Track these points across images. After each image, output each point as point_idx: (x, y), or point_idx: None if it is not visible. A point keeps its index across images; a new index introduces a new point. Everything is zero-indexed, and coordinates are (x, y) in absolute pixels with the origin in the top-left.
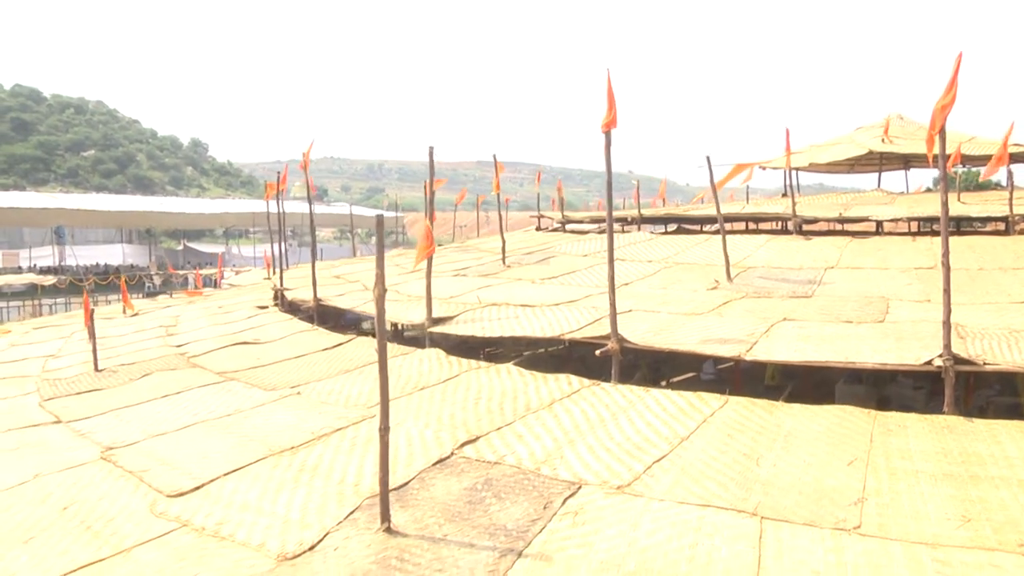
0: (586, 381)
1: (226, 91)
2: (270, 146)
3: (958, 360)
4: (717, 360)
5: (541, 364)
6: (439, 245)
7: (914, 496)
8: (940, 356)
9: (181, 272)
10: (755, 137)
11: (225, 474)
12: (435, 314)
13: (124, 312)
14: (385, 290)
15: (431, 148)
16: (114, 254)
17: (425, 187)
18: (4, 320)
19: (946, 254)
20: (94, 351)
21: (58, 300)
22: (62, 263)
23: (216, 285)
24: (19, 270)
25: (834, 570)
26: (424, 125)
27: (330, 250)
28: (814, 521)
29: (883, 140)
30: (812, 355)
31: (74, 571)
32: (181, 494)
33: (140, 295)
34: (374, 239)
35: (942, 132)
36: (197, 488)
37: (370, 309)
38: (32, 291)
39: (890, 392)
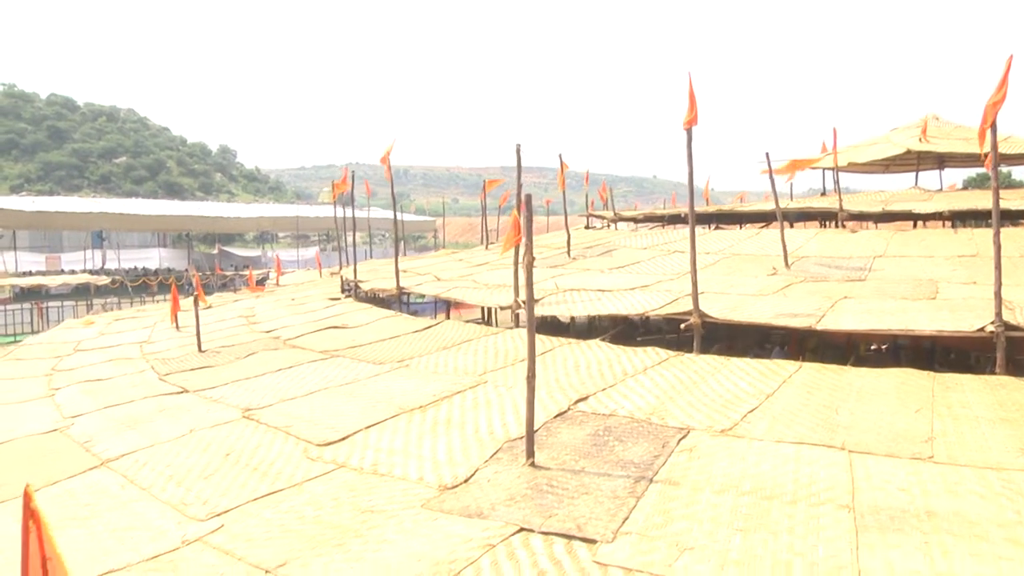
0: (671, 352)
1: (254, 98)
2: (297, 153)
3: (1008, 327)
4: (782, 343)
5: (620, 343)
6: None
7: (976, 435)
8: (992, 323)
9: (228, 273)
10: (785, 141)
11: (365, 427)
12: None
13: (196, 305)
14: (533, 258)
15: (519, 146)
16: (151, 258)
17: (518, 186)
18: (62, 318)
19: (997, 233)
20: (197, 334)
21: (109, 299)
22: (103, 267)
23: (265, 285)
24: (62, 272)
25: (916, 487)
26: (448, 131)
27: (362, 252)
28: (893, 453)
29: (920, 140)
30: (875, 324)
31: (259, 498)
32: (329, 443)
33: (185, 296)
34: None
35: (993, 126)
36: (343, 439)
37: (453, 295)
38: (80, 292)
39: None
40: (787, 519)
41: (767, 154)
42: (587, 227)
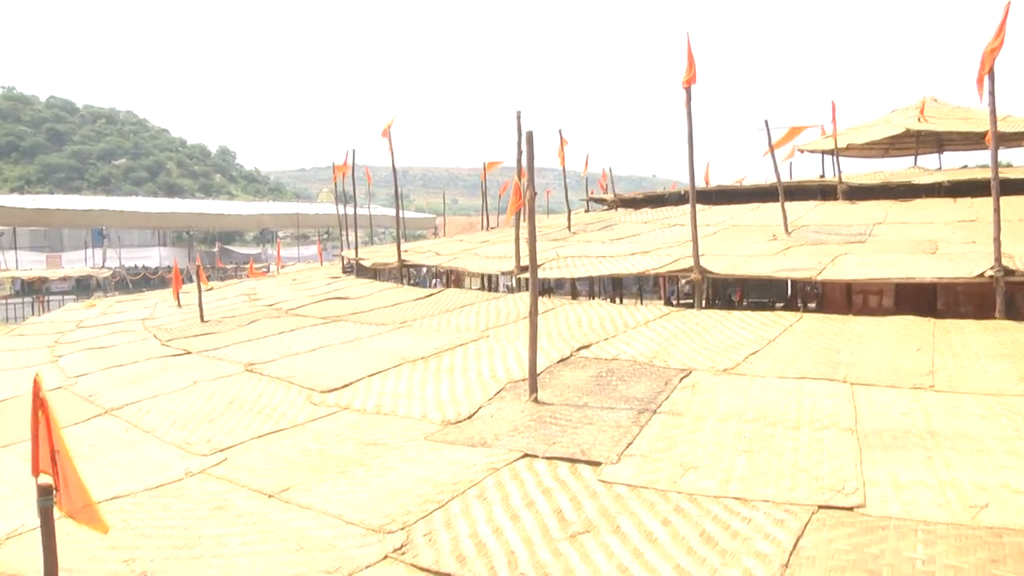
0: (672, 308)
1: (253, 100)
2: (297, 154)
3: (1007, 271)
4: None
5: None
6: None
7: (976, 368)
8: (992, 268)
9: (229, 267)
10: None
11: (368, 375)
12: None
13: (199, 285)
14: (535, 193)
15: (519, 112)
16: (152, 257)
17: (518, 154)
18: None
19: (995, 177)
20: (200, 307)
21: (110, 294)
22: (104, 265)
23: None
24: (62, 279)
25: (918, 411)
26: (447, 132)
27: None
28: (895, 384)
29: (919, 119)
30: (875, 274)
31: (262, 436)
32: (332, 390)
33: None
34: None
35: (991, 73)
36: (346, 386)
37: (454, 264)
38: (82, 287)
39: None
40: (791, 442)
41: (766, 122)
42: (587, 211)
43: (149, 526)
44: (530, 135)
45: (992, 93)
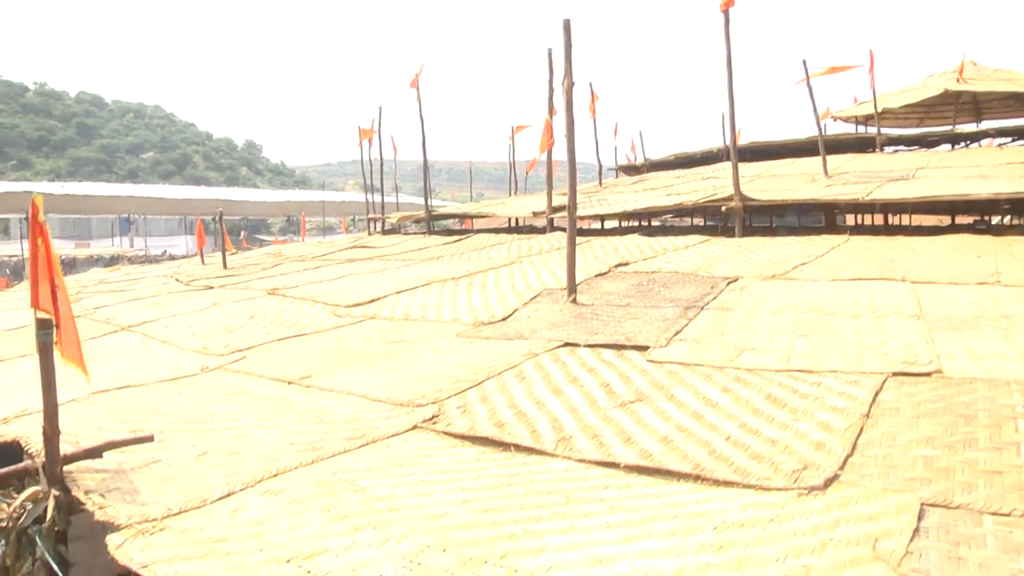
0: (713, 235)
1: (280, 94)
2: (323, 148)
3: None
4: None
5: None
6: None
7: None
8: None
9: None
10: (818, 96)
11: (395, 292)
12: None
13: (223, 248)
14: (573, 83)
15: (550, 50)
16: (178, 245)
17: (549, 90)
18: None
19: None
20: (223, 257)
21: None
22: (132, 247)
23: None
24: (91, 258)
25: (987, 300)
26: (471, 126)
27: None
28: (957, 282)
29: (958, 80)
30: (928, 192)
31: (283, 339)
32: (357, 304)
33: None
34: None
35: None
36: (371, 301)
37: (483, 210)
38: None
39: None
40: (852, 327)
41: (804, 61)
42: (617, 177)
43: (160, 406)
44: (567, 22)
45: None
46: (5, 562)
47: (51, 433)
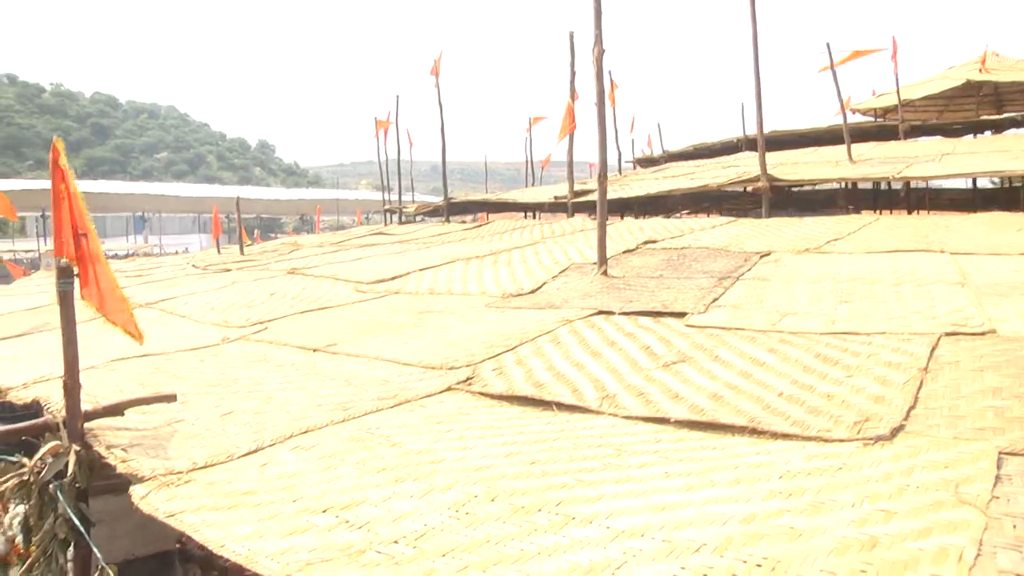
0: (737, 219)
1: (293, 95)
2: (336, 149)
3: None
4: None
5: None
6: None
7: None
8: None
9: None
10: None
11: (419, 269)
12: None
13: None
14: (603, 50)
15: (571, 33)
16: (192, 243)
17: (571, 75)
18: None
19: None
20: (241, 244)
21: None
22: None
23: None
24: (106, 254)
25: None
26: (483, 127)
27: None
28: (998, 253)
29: (980, 71)
30: (962, 169)
31: (306, 311)
32: (380, 280)
33: None
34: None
35: None
36: (395, 278)
37: (502, 197)
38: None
39: None
40: (895, 293)
41: (828, 45)
42: (635, 169)
43: (182, 371)
44: None
45: None
46: (28, 521)
47: (71, 385)
